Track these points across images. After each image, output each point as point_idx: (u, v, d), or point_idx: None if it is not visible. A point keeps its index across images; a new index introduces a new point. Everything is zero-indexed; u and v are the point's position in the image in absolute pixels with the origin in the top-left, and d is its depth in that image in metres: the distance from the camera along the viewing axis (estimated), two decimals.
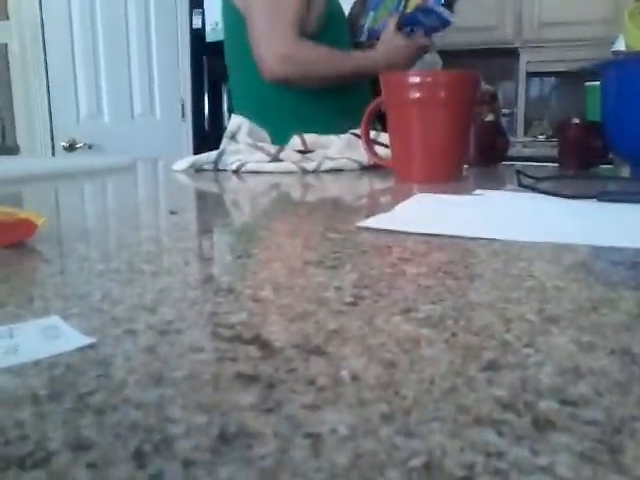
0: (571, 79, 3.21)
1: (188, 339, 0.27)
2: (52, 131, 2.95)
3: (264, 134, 1.35)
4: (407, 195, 0.75)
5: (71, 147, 2.93)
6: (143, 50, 3.05)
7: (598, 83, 1.29)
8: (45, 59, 2.88)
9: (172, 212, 0.64)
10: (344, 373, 0.24)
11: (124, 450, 0.18)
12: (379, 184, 0.99)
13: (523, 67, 3.34)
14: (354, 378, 0.23)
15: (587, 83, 1.55)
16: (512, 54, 3.34)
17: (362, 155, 1.14)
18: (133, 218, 0.66)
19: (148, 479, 0.17)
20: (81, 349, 0.26)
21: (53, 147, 2.96)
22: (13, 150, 2.82)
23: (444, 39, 3.02)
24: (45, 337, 0.28)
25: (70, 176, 1.14)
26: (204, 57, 3.23)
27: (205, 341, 0.27)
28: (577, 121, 1.28)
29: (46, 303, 0.33)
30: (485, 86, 1.55)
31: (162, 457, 0.18)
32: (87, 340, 0.27)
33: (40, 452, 0.18)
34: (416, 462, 0.18)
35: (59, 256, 0.45)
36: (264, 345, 0.27)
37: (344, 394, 0.22)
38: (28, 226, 0.48)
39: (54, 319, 0.30)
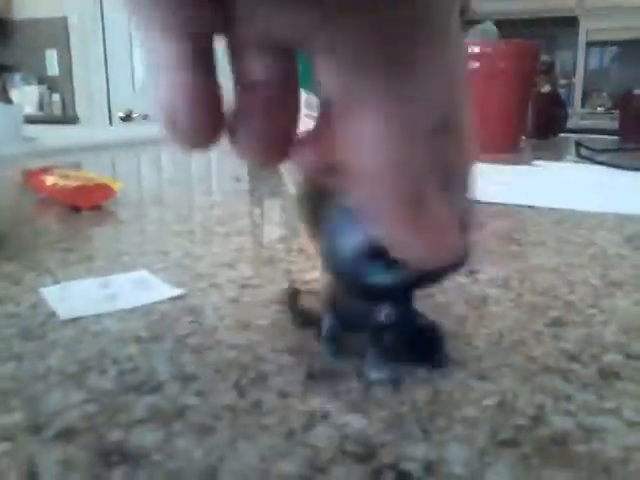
0: (633, 48, 3.08)
1: (268, 293, 0.29)
2: (109, 102, 3.03)
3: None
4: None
5: (127, 117, 3.01)
6: None
7: None
8: (103, 32, 2.95)
9: (237, 179, 0.66)
10: None
11: (225, 383, 0.21)
12: None
13: (583, 36, 3.22)
14: None
15: None
16: (571, 22, 3.23)
17: None
18: (200, 184, 0.69)
19: (249, 406, 0.19)
20: (172, 299, 0.29)
21: (110, 117, 3.04)
22: (73, 120, 2.92)
23: (500, 7, 2.94)
24: (138, 288, 0.30)
25: (129, 145, 1.18)
26: None
27: (284, 295, 0.29)
28: (639, 92, 1.24)
29: (132, 259, 0.36)
30: (542, 56, 1.52)
31: (259, 389, 0.20)
32: (177, 291, 0.30)
33: (152, 381, 0.21)
34: (490, 401, 0.19)
35: (137, 218, 0.48)
36: None
37: None
38: (106, 190, 0.51)
39: (143, 273, 0.33)
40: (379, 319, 0.21)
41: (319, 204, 0.19)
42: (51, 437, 0.17)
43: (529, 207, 0.51)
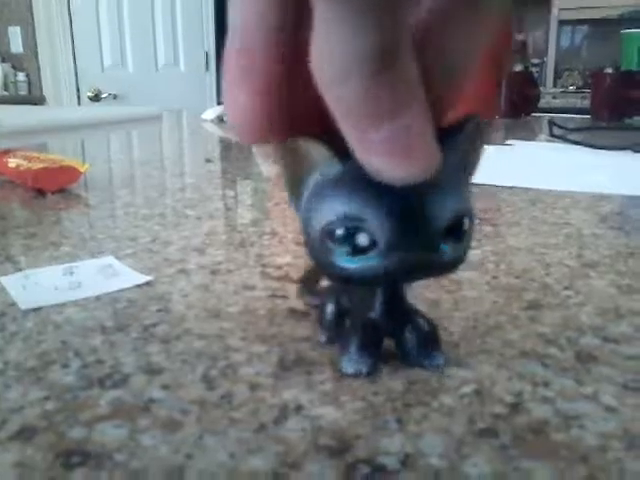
0: (605, 27, 3.10)
1: (239, 278, 0.29)
2: (77, 81, 2.95)
3: None
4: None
5: (96, 97, 2.94)
6: (167, 0, 3.01)
7: (635, 31, 1.25)
8: (69, 7, 2.86)
9: (208, 160, 0.65)
10: None
11: (193, 374, 0.20)
12: None
13: (555, 14, 3.23)
14: None
15: (623, 31, 1.51)
16: (543, 0, 3.23)
17: None
18: (170, 166, 0.67)
19: (219, 399, 0.18)
20: (139, 286, 0.28)
21: (79, 97, 2.96)
22: (39, 100, 2.84)
23: None
24: (104, 275, 0.29)
25: (98, 125, 1.15)
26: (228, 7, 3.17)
27: (256, 280, 0.28)
28: (611, 71, 1.25)
29: (99, 244, 0.34)
30: (515, 35, 1.51)
31: (229, 381, 0.19)
32: (144, 278, 0.29)
33: (117, 375, 0.20)
34: (467, 389, 0.19)
35: (104, 201, 0.46)
36: None
37: None
38: (72, 173, 0.49)
39: (109, 259, 0.32)
40: (363, 309, 0.20)
41: (299, 177, 0.17)
42: (7, 437, 0.16)
43: (503, 187, 0.50)
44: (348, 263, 0.17)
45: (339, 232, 0.16)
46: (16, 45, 3.02)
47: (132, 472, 0.15)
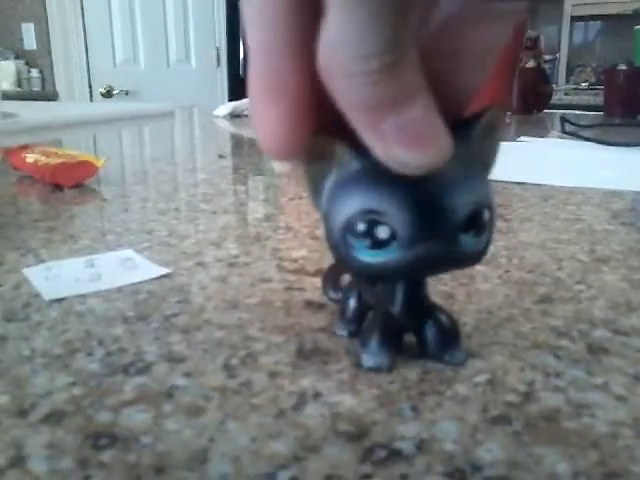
0: (618, 23, 3.08)
1: (256, 271, 0.29)
2: (89, 77, 2.97)
3: None
4: None
5: (108, 93, 2.96)
6: None
7: None
8: (82, 6, 2.88)
9: (221, 156, 0.66)
10: None
11: (213, 363, 0.20)
12: None
13: (568, 10, 3.21)
14: None
15: (636, 27, 1.50)
16: None
17: None
18: (184, 161, 0.68)
19: (239, 386, 0.19)
20: (158, 278, 0.28)
21: (91, 93, 2.98)
22: (52, 96, 2.86)
23: None
24: (123, 267, 0.30)
25: (111, 121, 1.16)
26: (239, 3, 3.17)
27: (272, 273, 0.29)
28: (624, 67, 1.24)
29: (117, 238, 0.35)
30: (527, 31, 1.51)
31: (249, 369, 0.20)
32: (163, 270, 0.29)
33: (140, 362, 0.20)
34: (480, 379, 0.19)
35: (120, 196, 0.47)
36: None
37: None
38: (89, 168, 0.50)
39: (129, 252, 0.32)
40: (384, 304, 0.20)
41: (320, 175, 0.18)
42: (38, 420, 0.17)
43: (516, 183, 0.51)
44: (369, 257, 0.17)
45: (359, 226, 0.17)
46: (29, 42, 3.04)
47: (158, 454, 0.16)
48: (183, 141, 0.95)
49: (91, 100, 2.97)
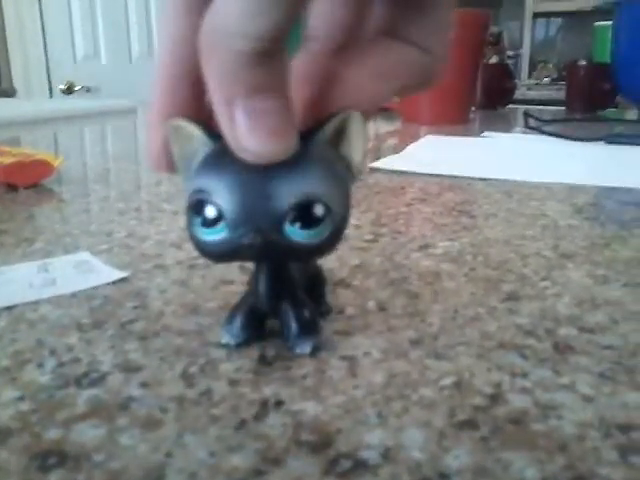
0: (578, 20, 3.13)
1: (217, 273, 0.28)
2: (49, 74, 2.90)
3: None
4: (415, 137, 0.75)
5: (69, 90, 2.89)
6: None
7: (607, 23, 1.27)
8: (39, 0, 2.80)
9: None
10: (371, 303, 0.25)
11: (171, 372, 0.20)
12: (386, 126, 0.99)
13: (530, 6, 3.25)
14: (381, 308, 0.24)
15: (596, 23, 1.52)
16: None
17: None
18: (145, 160, 0.66)
19: (198, 396, 0.18)
20: (115, 282, 0.27)
21: (50, 90, 2.91)
22: (10, 93, 2.78)
23: None
24: (79, 271, 0.29)
25: (72, 119, 1.13)
26: None
27: (234, 274, 0.28)
28: (584, 63, 1.26)
29: (74, 240, 0.34)
30: (491, 27, 1.52)
31: (208, 377, 0.19)
32: (120, 274, 0.28)
33: (94, 373, 0.19)
34: (446, 381, 0.19)
35: (79, 196, 0.45)
36: None
37: (373, 322, 0.23)
38: (45, 167, 0.48)
39: (85, 254, 0.31)
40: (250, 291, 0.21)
41: (186, 157, 0.19)
42: None
43: (479, 179, 0.51)
44: (204, 235, 0.18)
45: (190, 202, 0.18)
46: None
47: (111, 472, 0.15)
48: (145, 138, 0.93)
49: (51, 97, 2.90)
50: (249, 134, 0.16)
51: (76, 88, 2.92)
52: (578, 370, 0.20)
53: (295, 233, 0.17)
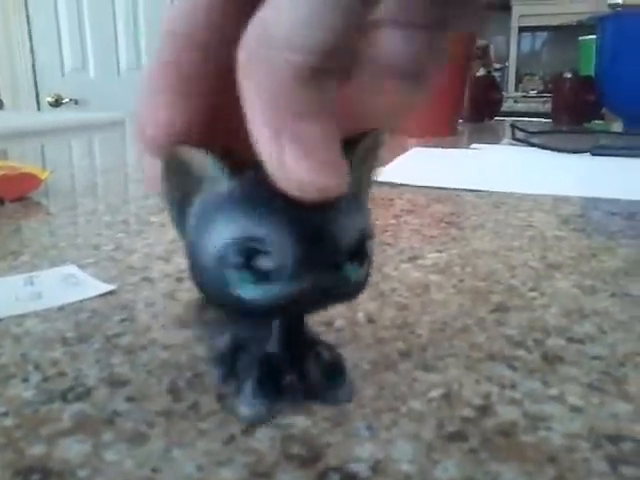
0: (563, 34, 3.18)
1: None
2: (36, 86, 2.89)
3: None
4: (403, 149, 0.75)
5: (57, 102, 2.88)
6: (129, 1, 2.97)
7: (592, 37, 1.28)
8: (27, 12, 2.80)
9: None
10: (360, 315, 0.25)
11: (158, 386, 0.19)
12: None
13: (515, 21, 3.30)
14: (370, 320, 0.24)
15: (581, 37, 1.54)
16: (504, 8, 3.29)
17: None
18: (134, 172, 0.66)
19: (186, 410, 0.18)
20: (102, 295, 0.27)
21: (38, 102, 2.90)
22: None
23: None
24: (65, 284, 0.28)
25: (59, 131, 1.13)
26: None
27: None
28: (570, 76, 1.28)
29: (61, 253, 0.33)
30: (478, 40, 1.54)
31: (196, 391, 0.19)
32: (107, 287, 0.28)
33: (79, 387, 0.19)
34: (435, 393, 0.19)
35: (66, 209, 0.45)
36: None
37: (362, 334, 0.23)
38: (32, 180, 0.48)
39: (71, 267, 0.31)
40: (259, 342, 0.18)
41: (184, 195, 0.15)
42: None
43: (467, 190, 0.51)
44: (248, 292, 0.15)
45: (236, 256, 0.14)
46: None
47: None
48: (133, 151, 0.93)
49: (38, 109, 2.89)
50: (300, 163, 0.13)
51: (64, 101, 2.91)
52: (567, 381, 0.20)
53: (353, 271, 0.15)
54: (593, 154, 0.71)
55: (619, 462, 0.16)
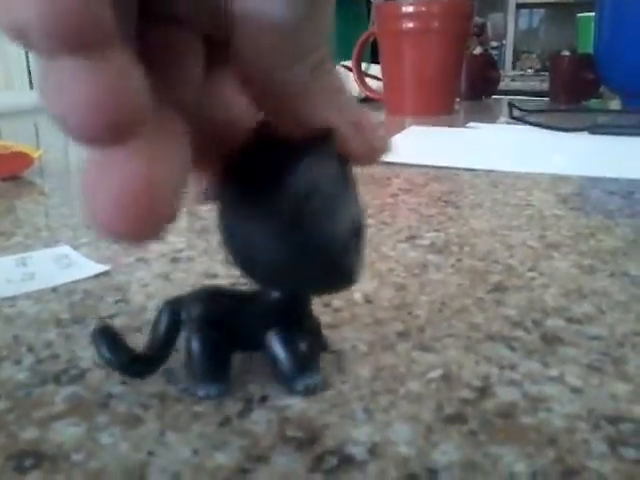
0: (561, 10, 3.14)
1: (201, 266, 0.28)
2: (28, 64, 2.85)
3: None
4: (400, 128, 0.75)
5: None
6: None
7: (590, 14, 1.27)
8: None
9: None
10: (357, 296, 0.24)
11: None
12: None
13: None
14: (367, 300, 0.24)
15: (579, 14, 1.52)
16: None
17: (353, 88, 1.12)
18: None
19: (180, 393, 0.18)
20: (96, 276, 0.27)
21: (31, 81, 2.87)
22: None
23: None
24: (59, 265, 0.28)
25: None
26: None
27: (218, 268, 0.28)
28: (568, 53, 1.27)
29: (54, 233, 0.33)
30: (475, 18, 1.52)
31: None
32: (101, 268, 0.27)
33: (73, 370, 0.19)
34: (434, 374, 0.19)
35: (60, 189, 0.44)
36: None
37: (360, 314, 0.23)
38: (24, 159, 0.47)
39: (65, 248, 0.30)
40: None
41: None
42: None
43: (465, 170, 0.50)
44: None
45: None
46: None
47: (90, 473, 0.14)
48: None
49: (31, 88, 2.86)
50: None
51: None
52: (566, 361, 0.19)
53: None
54: (591, 132, 0.70)
55: (619, 443, 0.15)
